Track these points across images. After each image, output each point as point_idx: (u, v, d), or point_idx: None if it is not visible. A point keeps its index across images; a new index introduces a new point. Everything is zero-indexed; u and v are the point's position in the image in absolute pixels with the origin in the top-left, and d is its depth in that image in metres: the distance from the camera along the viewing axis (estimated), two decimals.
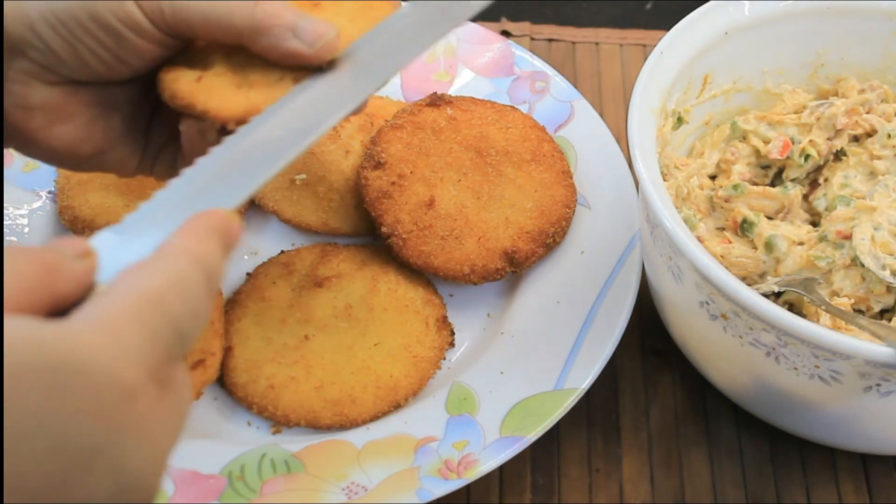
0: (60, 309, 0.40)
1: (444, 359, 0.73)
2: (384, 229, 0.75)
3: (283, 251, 0.78)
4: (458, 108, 0.82)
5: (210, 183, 0.49)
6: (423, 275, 0.76)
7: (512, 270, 0.76)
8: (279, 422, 0.69)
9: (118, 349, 0.37)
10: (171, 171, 0.64)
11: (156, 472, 0.39)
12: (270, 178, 0.50)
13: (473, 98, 0.84)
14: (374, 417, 0.69)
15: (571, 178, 0.81)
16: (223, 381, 0.71)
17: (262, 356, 0.70)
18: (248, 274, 0.76)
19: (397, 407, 0.70)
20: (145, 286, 0.40)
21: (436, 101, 0.81)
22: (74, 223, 0.77)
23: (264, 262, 0.77)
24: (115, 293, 0.39)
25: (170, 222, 0.46)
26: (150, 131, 0.63)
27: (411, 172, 0.77)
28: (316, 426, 0.68)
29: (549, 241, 0.77)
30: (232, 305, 0.74)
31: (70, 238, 0.43)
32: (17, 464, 0.34)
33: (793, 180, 0.76)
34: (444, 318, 0.74)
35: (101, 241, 0.44)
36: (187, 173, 0.49)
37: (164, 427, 0.39)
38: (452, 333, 0.74)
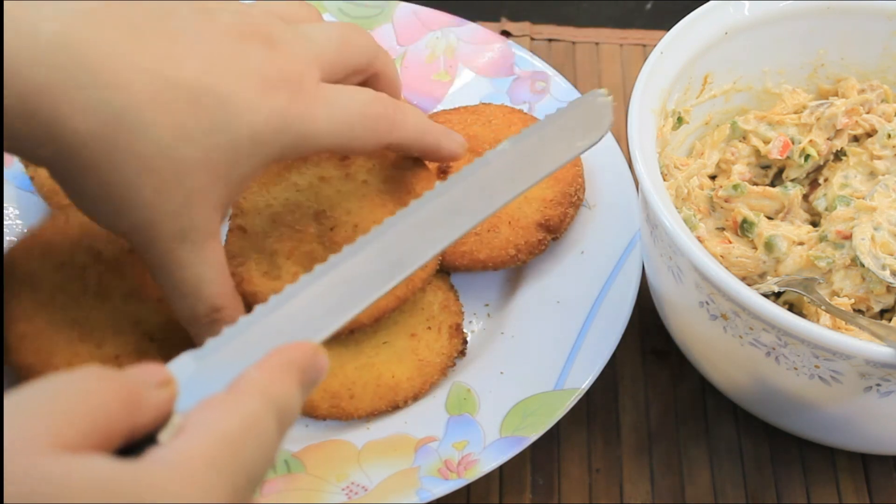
0: (135, 438, 0.39)
1: (453, 366, 0.72)
2: None
3: None
4: (438, 122, 0.82)
5: (298, 312, 0.48)
6: (448, 281, 0.76)
7: (553, 237, 0.77)
8: None
9: (194, 497, 0.36)
10: None
11: None
12: (361, 311, 0.49)
13: (444, 110, 0.85)
14: (371, 415, 0.69)
15: None
16: None
17: None
18: None
19: (395, 407, 0.70)
20: (220, 429, 0.39)
21: None
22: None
23: None
24: (191, 435, 0.39)
25: (253, 352, 0.44)
26: None
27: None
28: (312, 415, 0.69)
29: (575, 199, 0.78)
30: None
31: (151, 365, 0.42)
32: None
33: (793, 180, 0.76)
34: (459, 326, 0.74)
35: (180, 368, 0.43)
36: (274, 300, 0.48)
37: None
38: (465, 343, 0.73)
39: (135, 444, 0.39)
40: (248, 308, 0.52)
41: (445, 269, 0.76)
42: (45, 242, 0.67)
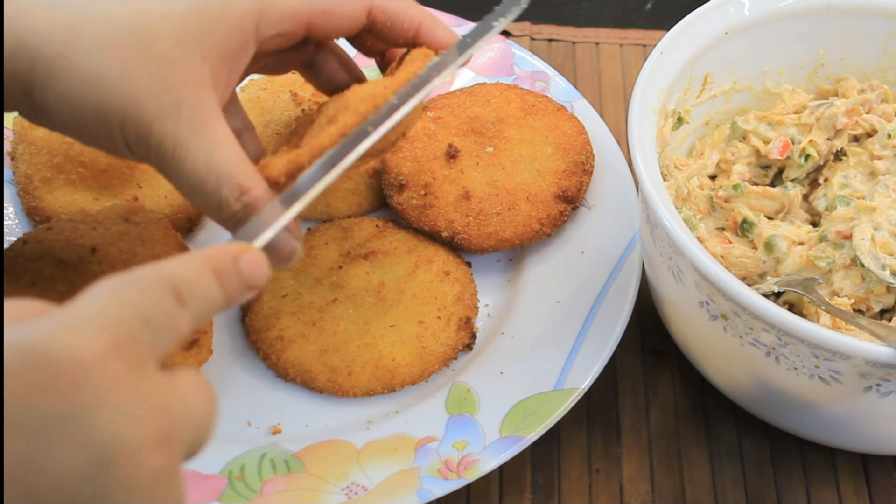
0: None
1: (455, 358, 0.73)
2: (445, 234, 0.77)
3: (349, 216, 0.80)
4: (437, 108, 0.83)
5: (263, 214, 0.51)
6: (469, 273, 0.77)
7: (573, 207, 0.79)
8: (278, 373, 0.71)
9: (70, 327, 0.38)
10: None
11: (142, 444, 0.38)
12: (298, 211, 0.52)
13: (441, 95, 0.86)
14: (367, 393, 0.70)
15: (567, 110, 0.83)
16: (244, 321, 0.73)
17: (284, 307, 0.72)
18: (308, 229, 0.78)
19: (391, 390, 0.70)
20: (107, 289, 0.41)
21: None
22: (45, 223, 0.75)
23: (325, 223, 0.79)
24: (81, 299, 0.41)
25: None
26: None
27: (434, 179, 0.78)
28: (310, 387, 0.70)
29: (587, 166, 0.80)
30: None
31: None
32: None
33: (793, 180, 0.76)
34: (469, 320, 0.74)
35: None
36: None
37: (143, 402, 0.39)
38: (473, 337, 0.74)
39: None
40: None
41: (472, 252, 0.77)
42: (8, 267, 0.67)
